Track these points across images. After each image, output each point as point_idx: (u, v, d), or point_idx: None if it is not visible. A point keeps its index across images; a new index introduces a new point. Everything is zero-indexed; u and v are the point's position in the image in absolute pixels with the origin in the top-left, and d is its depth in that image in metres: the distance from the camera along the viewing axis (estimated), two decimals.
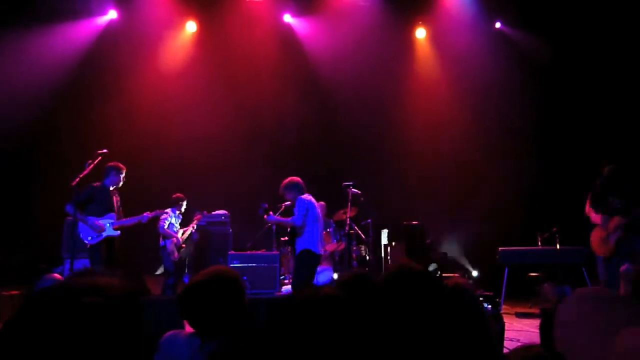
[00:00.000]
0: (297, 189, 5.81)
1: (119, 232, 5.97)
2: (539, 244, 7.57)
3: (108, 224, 5.90)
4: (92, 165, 5.71)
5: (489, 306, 3.73)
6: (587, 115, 8.76)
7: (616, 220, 5.82)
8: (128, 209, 6.29)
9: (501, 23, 9.64)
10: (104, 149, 5.88)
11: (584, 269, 7.13)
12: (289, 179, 5.87)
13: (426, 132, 9.45)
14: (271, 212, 6.02)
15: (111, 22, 8.99)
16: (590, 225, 6.13)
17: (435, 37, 9.88)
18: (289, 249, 8.19)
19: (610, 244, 5.81)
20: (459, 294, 2.17)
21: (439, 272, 7.55)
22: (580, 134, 8.76)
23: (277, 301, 5.47)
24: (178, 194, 7.44)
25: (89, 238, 5.81)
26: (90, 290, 0.95)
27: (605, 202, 5.98)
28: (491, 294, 4.05)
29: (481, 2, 9.22)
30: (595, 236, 6.02)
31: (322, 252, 5.91)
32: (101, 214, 5.89)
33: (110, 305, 0.95)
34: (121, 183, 6.10)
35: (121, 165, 6.09)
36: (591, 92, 8.75)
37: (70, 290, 0.96)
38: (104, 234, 5.86)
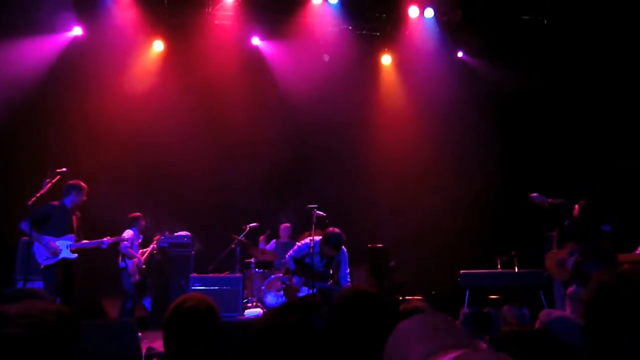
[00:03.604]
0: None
1: (76, 255, 5.76)
2: (499, 267, 7.76)
3: (66, 246, 5.69)
4: (49, 184, 5.56)
5: None
6: (545, 140, 9.13)
7: (570, 244, 5.86)
8: (87, 228, 6.12)
9: (463, 52, 10.01)
10: (63, 167, 5.74)
11: (540, 292, 7.34)
12: (338, 232, 5.50)
13: (391, 156, 9.61)
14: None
15: (75, 39, 8.84)
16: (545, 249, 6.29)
17: (400, 64, 10.15)
18: (253, 270, 8.10)
19: (568, 268, 5.82)
20: None
21: (401, 296, 7.62)
22: (539, 160, 9.11)
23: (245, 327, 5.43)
24: (135, 213, 7.27)
25: (44, 258, 5.60)
26: (17, 318, 0.93)
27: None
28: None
29: (444, 33, 9.55)
30: (551, 260, 5.94)
31: None
32: (59, 234, 5.68)
33: (32, 336, 0.94)
34: (81, 202, 5.94)
35: (82, 184, 5.92)
36: (549, 118, 9.15)
37: None
38: (60, 256, 5.64)
